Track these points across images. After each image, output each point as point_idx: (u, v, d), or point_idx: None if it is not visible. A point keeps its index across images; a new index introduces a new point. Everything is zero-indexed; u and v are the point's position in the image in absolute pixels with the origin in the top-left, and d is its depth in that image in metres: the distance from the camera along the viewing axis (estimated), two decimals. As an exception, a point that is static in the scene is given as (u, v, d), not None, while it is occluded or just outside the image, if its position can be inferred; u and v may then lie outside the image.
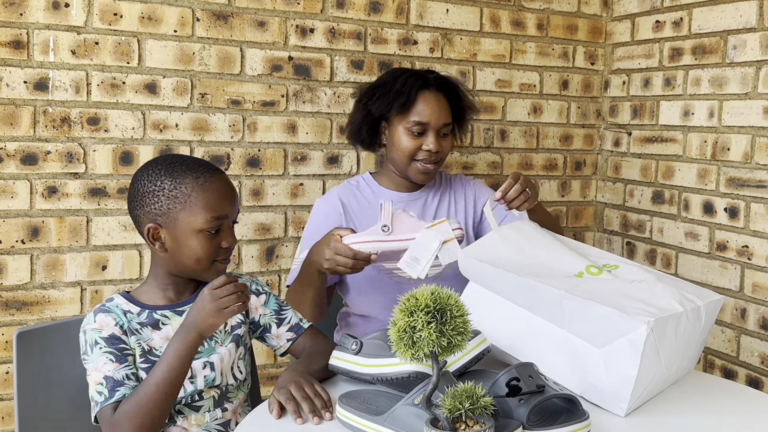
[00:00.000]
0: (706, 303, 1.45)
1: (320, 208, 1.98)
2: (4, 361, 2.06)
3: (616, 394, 1.34)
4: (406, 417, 1.18)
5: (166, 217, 1.42)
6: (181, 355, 1.34)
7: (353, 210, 1.96)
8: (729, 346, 2.33)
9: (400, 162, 1.94)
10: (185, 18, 2.17)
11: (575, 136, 2.78)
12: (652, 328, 1.29)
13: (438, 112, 1.91)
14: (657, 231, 2.58)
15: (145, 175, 1.45)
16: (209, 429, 1.46)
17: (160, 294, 1.48)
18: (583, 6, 2.73)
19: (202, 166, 1.46)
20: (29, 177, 2.05)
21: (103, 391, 1.35)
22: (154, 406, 1.32)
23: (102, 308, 1.43)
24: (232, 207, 1.46)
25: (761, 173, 2.21)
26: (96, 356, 1.38)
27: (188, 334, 1.35)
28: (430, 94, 1.92)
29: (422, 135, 1.91)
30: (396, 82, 1.92)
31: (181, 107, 2.19)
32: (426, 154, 1.91)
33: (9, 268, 2.04)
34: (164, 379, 1.33)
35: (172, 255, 1.44)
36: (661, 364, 1.37)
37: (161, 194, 1.42)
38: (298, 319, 1.59)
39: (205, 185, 1.42)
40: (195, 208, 1.41)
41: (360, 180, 2.04)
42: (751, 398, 1.50)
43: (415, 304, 1.06)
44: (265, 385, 2.35)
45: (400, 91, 1.90)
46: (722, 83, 2.32)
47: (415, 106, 1.90)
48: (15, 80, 2.01)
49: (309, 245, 1.84)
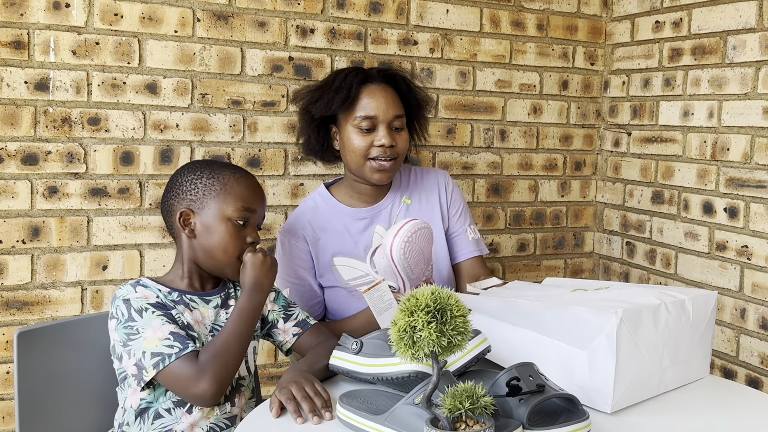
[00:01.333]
0: (691, 297, 1.47)
1: (284, 242, 1.86)
2: (4, 361, 2.06)
3: (600, 391, 1.35)
4: (407, 416, 1.19)
5: (200, 202, 1.51)
6: (251, 312, 1.47)
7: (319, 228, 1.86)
8: (729, 346, 2.33)
9: (355, 164, 1.82)
10: (186, 18, 2.17)
11: (575, 136, 2.79)
12: (621, 318, 1.31)
13: (386, 104, 1.80)
14: (657, 231, 2.59)
15: (186, 169, 1.56)
16: (217, 422, 1.47)
17: (186, 282, 1.53)
18: (583, 6, 2.73)
19: (239, 167, 1.59)
20: (30, 177, 2.05)
21: (173, 344, 1.38)
22: (233, 355, 1.41)
23: (138, 283, 1.47)
24: (261, 205, 1.56)
25: (761, 173, 2.21)
26: (149, 319, 1.40)
27: (255, 295, 1.48)
28: (374, 86, 1.82)
29: (372, 130, 1.80)
30: (335, 80, 1.83)
31: (181, 107, 2.19)
32: (380, 150, 1.79)
33: (10, 268, 2.04)
34: (238, 331, 1.43)
35: (200, 242, 1.51)
36: (644, 356, 1.38)
37: (199, 182, 1.52)
38: (304, 316, 1.64)
39: (240, 179, 1.54)
40: (228, 196, 1.51)
41: (316, 198, 1.92)
42: (750, 398, 1.50)
43: (415, 303, 1.07)
44: (266, 385, 2.35)
45: (340, 87, 1.80)
46: (722, 83, 2.32)
47: (360, 100, 1.80)
48: (16, 80, 2.02)
49: (283, 283, 1.83)
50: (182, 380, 1.37)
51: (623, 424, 1.33)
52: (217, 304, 1.52)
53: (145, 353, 1.37)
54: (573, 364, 1.39)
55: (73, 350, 1.51)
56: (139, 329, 1.39)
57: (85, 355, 1.52)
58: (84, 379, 1.52)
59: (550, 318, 1.42)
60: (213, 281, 1.56)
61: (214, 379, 1.36)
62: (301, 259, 1.85)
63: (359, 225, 1.88)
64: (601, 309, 1.36)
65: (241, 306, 1.47)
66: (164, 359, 1.36)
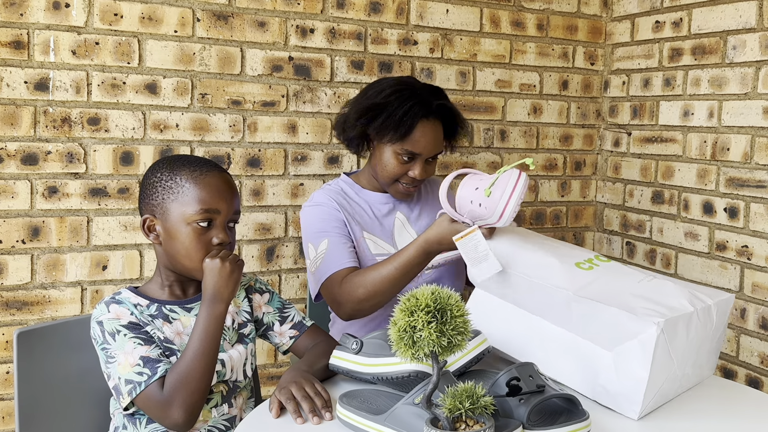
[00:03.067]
0: (716, 302, 1.44)
1: (319, 200, 1.90)
2: (4, 361, 2.06)
3: (628, 397, 1.32)
4: (407, 416, 1.19)
5: (160, 208, 1.44)
6: (213, 327, 1.39)
7: (347, 205, 1.92)
8: (729, 346, 2.33)
9: (382, 179, 1.89)
10: (185, 18, 2.17)
11: (575, 136, 2.79)
12: (662, 329, 1.28)
13: (432, 144, 1.85)
14: (657, 231, 2.59)
15: (150, 171, 1.48)
16: (215, 424, 1.47)
17: (167, 290, 1.49)
18: (583, 6, 2.73)
19: (203, 162, 1.47)
20: (30, 177, 2.05)
21: (143, 371, 1.34)
22: (198, 378, 1.35)
23: (113, 300, 1.44)
24: (225, 204, 1.44)
25: (761, 173, 2.21)
26: (122, 343, 1.37)
27: (215, 306, 1.39)
28: (428, 124, 1.84)
29: (411, 161, 1.85)
30: (399, 109, 1.82)
31: (181, 107, 2.19)
32: (410, 179, 1.87)
33: (9, 268, 2.04)
34: (201, 350, 1.36)
35: (165, 248, 1.45)
36: (673, 366, 1.35)
37: (159, 185, 1.44)
38: (301, 318, 1.61)
39: (199, 178, 1.43)
40: (186, 198, 1.42)
41: (340, 183, 1.97)
42: (750, 398, 1.50)
43: (415, 303, 1.07)
44: (266, 385, 2.35)
45: (402, 121, 1.81)
46: (722, 83, 2.32)
47: (412, 134, 1.83)
48: (15, 80, 2.02)
49: (322, 237, 1.82)
50: (153, 409, 1.35)
51: (623, 424, 1.33)
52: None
53: (120, 379, 1.36)
54: (597, 364, 1.35)
55: (73, 350, 1.51)
56: (114, 354, 1.37)
57: (85, 355, 1.52)
58: (84, 379, 1.52)
59: (580, 313, 1.37)
60: (195, 284, 1.51)
61: (182, 408, 1.33)
62: (335, 218, 1.87)
63: (383, 209, 1.95)
64: (637, 312, 1.31)
65: (201, 320, 1.39)
66: (135, 387, 1.34)
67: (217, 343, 1.39)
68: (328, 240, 1.83)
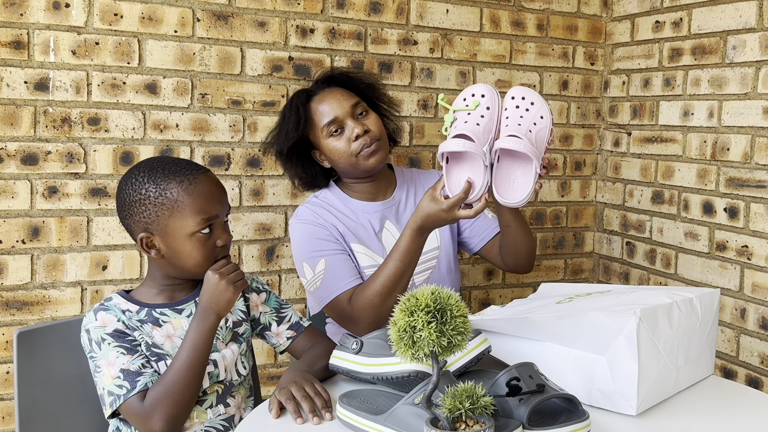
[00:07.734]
0: (698, 295, 1.48)
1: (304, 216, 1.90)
2: (4, 361, 2.06)
3: (623, 394, 1.34)
4: (407, 416, 1.19)
5: (156, 224, 1.42)
6: (203, 339, 1.38)
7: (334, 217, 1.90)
8: (729, 346, 2.33)
9: (348, 165, 1.88)
10: (185, 18, 2.17)
11: (575, 136, 2.79)
12: (640, 317, 1.31)
13: (336, 101, 1.87)
14: (657, 231, 2.59)
15: (129, 184, 1.43)
16: (213, 425, 1.46)
17: (159, 294, 1.49)
18: (583, 6, 2.73)
19: (185, 167, 1.44)
20: (30, 177, 2.05)
21: (122, 384, 1.36)
22: (182, 390, 1.36)
23: (101, 307, 1.44)
24: (221, 205, 1.45)
25: (761, 173, 2.21)
26: (106, 352, 1.38)
27: (206, 318, 1.39)
28: (320, 96, 1.90)
29: (343, 129, 1.86)
30: (286, 112, 1.91)
31: (181, 107, 2.19)
32: (359, 142, 1.84)
33: (9, 268, 2.04)
34: (189, 363, 1.37)
35: (170, 261, 1.44)
36: (663, 357, 1.38)
37: (147, 203, 1.41)
38: (298, 318, 1.61)
39: (190, 188, 1.41)
40: (184, 212, 1.40)
41: (327, 195, 1.96)
42: (750, 398, 1.50)
43: (415, 303, 1.07)
44: (265, 384, 2.35)
45: (290, 114, 1.89)
46: (722, 83, 2.32)
47: (315, 113, 1.88)
48: (15, 80, 2.02)
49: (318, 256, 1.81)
50: (134, 419, 1.36)
51: (623, 424, 1.33)
52: (190, 312, 1.47)
53: (104, 389, 1.38)
54: (593, 370, 1.38)
55: (73, 350, 1.51)
56: (99, 364, 1.38)
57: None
58: (84, 379, 1.52)
59: (564, 327, 1.40)
60: (189, 285, 1.50)
61: (162, 420, 1.34)
62: (326, 234, 1.86)
63: (372, 218, 1.93)
64: (616, 312, 1.35)
65: (191, 333, 1.39)
66: (115, 400, 1.36)
67: (205, 356, 1.39)
68: (325, 260, 1.82)
